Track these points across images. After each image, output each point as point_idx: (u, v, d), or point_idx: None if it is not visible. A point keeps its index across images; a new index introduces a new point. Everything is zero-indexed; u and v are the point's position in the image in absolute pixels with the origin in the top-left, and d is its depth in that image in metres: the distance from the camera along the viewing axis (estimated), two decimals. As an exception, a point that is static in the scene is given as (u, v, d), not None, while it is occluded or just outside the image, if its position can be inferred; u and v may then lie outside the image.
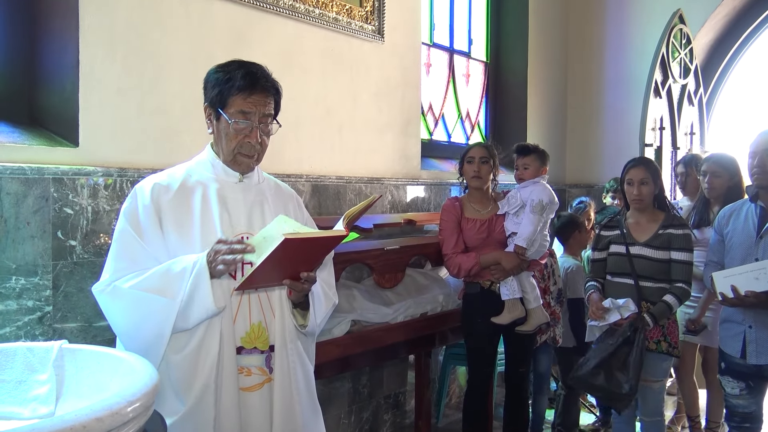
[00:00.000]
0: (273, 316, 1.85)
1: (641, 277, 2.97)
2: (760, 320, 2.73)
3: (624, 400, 2.86)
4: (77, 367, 1.54)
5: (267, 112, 1.86)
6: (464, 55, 5.13)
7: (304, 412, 1.90)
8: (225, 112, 1.82)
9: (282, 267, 1.66)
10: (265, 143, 1.89)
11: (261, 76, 1.85)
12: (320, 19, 3.44)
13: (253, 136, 1.84)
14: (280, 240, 1.52)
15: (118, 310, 1.77)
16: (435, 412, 4.14)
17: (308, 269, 1.73)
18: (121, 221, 1.81)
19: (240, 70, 1.83)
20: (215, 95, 1.84)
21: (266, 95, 1.85)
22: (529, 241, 3.09)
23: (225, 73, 1.84)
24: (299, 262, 1.69)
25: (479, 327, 3.19)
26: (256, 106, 1.83)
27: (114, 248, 1.80)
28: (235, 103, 1.81)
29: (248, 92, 1.81)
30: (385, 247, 3.23)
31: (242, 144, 1.84)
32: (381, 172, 3.90)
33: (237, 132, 1.83)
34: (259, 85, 1.83)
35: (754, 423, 2.86)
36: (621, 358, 2.85)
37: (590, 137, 5.80)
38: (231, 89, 1.81)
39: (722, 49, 5.72)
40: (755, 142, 2.79)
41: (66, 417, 1.09)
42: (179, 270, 1.71)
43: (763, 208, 2.79)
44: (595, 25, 5.77)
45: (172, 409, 1.74)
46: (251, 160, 1.89)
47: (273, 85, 1.88)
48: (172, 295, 1.70)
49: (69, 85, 2.49)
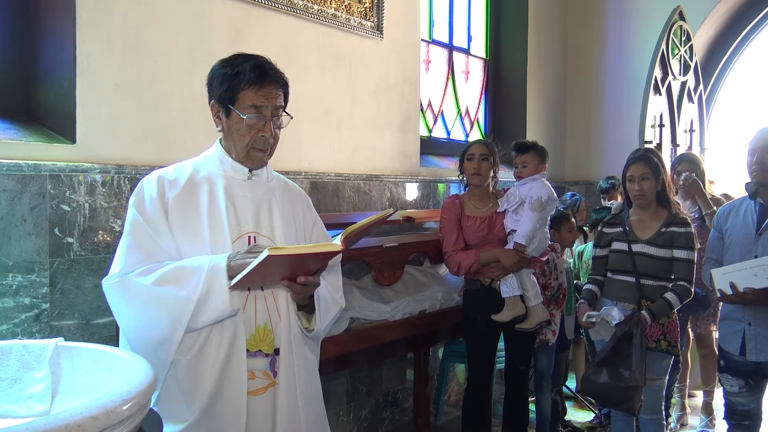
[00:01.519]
0: (279, 318, 1.80)
1: (642, 275, 2.96)
2: (759, 317, 2.73)
3: (629, 394, 2.82)
4: (73, 364, 1.53)
5: (278, 104, 1.81)
6: (464, 52, 5.12)
7: (308, 418, 1.85)
8: (236, 107, 1.76)
9: (275, 274, 1.64)
10: (277, 136, 1.84)
11: (270, 68, 1.80)
12: (319, 15, 3.43)
13: (266, 129, 1.79)
14: (264, 256, 1.49)
15: (129, 305, 1.71)
16: (434, 410, 4.14)
17: (306, 274, 1.68)
18: (131, 213, 1.76)
19: (248, 63, 1.78)
20: (224, 91, 1.78)
21: (276, 87, 1.80)
22: (529, 238, 3.08)
23: (232, 67, 1.78)
24: (294, 271, 1.66)
25: (480, 324, 3.19)
26: (267, 99, 1.77)
27: (126, 240, 1.74)
28: (247, 98, 1.76)
29: (259, 85, 1.76)
30: (384, 244, 3.22)
31: (256, 139, 1.79)
32: (380, 169, 3.89)
33: (250, 127, 1.78)
34: (269, 77, 1.78)
35: (753, 421, 2.85)
36: (622, 354, 2.84)
37: (590, 134, 5.79)
38: (241, 83, 1.76)
39: (722, 46, 5.71)
40: (754, 139, 2.78)
41: (61, 415, 1.08)
42: (195, 266, 1.67)
43: (762, 205, 2.78)
44: (595, 21, 5.76)
45: (180, 416, 1.71)
46: (265, 155, 1.84)
47: (281, 77, 1.83)
48: (187, 291, 1.65)
49: (66, 82, 2.48)
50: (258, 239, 1.80)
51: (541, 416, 3.75)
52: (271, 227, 1.84)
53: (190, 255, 1.73)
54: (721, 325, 2.94)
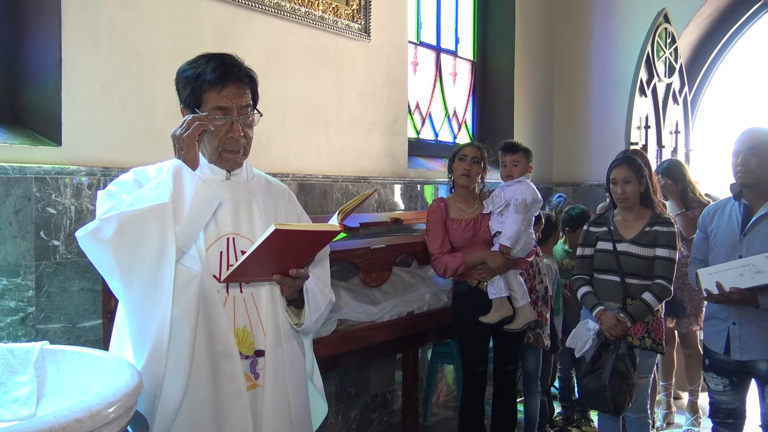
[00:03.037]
0: (260, 320, 1.77)
1: (627, 274, 2.99)
2: (744, 317, 2.75)
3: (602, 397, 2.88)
4: (58, 368, 1.52)
5: (245, 104, 1.76)
6: (451, 54, 5.14)
7: (298, 417, 1.83)
8: (201, 110, 1.72)
9: (272, 260, 1.61)
10: (249, 135, 1.79)
11: (232, 65, 1.74)
12: (306, 17, 3.43)
13: (235, 130, 1.74)
14: (270, 230, 1.46)
15: (109, 242, 1.59)
16: (423, 411, 4.15)
17: (298, 266, 1.66)
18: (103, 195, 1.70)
19: (209, 63, 1.73)
20: (188, 95, 1.74)
21: (241, 85, 1.75)
22: (514, 240, 3.11)
23: (194, 69, 1.74)
24: (290, 256, 1.63)
25: (468, 326, 3.20)
26: (232, 99, 1.72)
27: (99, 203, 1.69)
28: (210, 99, 1.72)
29: (221, 85, 1.71)
30: (372, 245, 3.23)
31: (226, 141, 1.75)
32: (368, 171, 3.89)
33: (217, 129, 1.74)
34: (232, 75, 1.72)
35: (737, 419, 2.88)
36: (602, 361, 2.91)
37: (576, 136, 5.83)
38: (203, 85, 1.71)
39: (707, 48, 5.76)
40: (738, 141, 2.81)
41: (45, 419, 1.08)
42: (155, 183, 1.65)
43: (746, 206, 2.82)
44: (581, 24, 5.80)
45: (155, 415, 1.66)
46: (237, 155, 1.79)
47: (247, 74, 1.77)
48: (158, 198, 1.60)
49: (52, 84, 2.47)
50: (237, 240, 1.76)
51: (529, 417, 3.76)
52: (252, 228, 1.79)
53: None
54: (705, 325, 2.97)
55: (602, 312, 2.97)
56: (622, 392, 2.87)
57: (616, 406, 2.89)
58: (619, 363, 2.87)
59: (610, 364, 2.88)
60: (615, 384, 2.86)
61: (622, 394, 2.87)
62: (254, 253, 1.53)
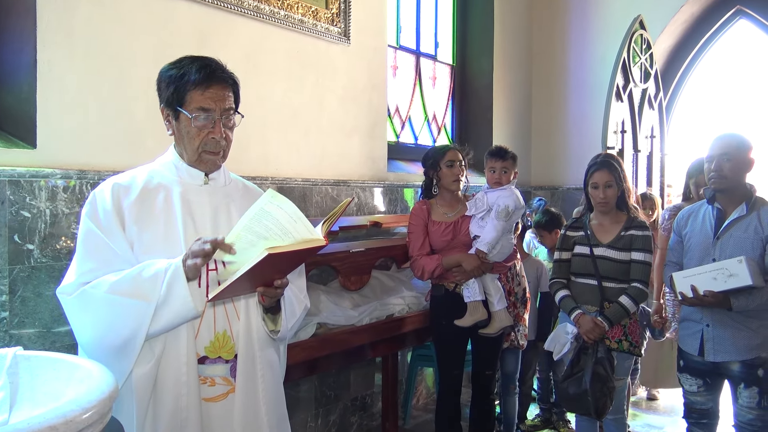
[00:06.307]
0: (239, 322, 1.78)
1: (604, 278, 3.02)
2: (717, 319, 2.80)
3: (583, 402, 2.91)
4: (32, 374, 1.50)
5: (227, 106, 1.78)
6: (431, 58, 5.16)
7: (271, 422, 1.84)
8: (184, 108, 1.74)
9: (258, 278, 1.63)
10: (229, 138, 1.81)
11: (216, 67, 1.77)
12: (285, 20, 3.43)
13: (216, 131, 1.76)
14: (262, 255, 1.48)
15: (86, 316, 1.66)
16: (402, 414, 4.15)
17: (281, 277, 1.68)
18: (84, 222, 1.72)
19: (194, 64, 1.75)
20: (171, 93, 1.76)
21: (224, 87, 1.77)
22: (491, 246, 3.11)
23: (178, 69, 1.76)
24: (276, 271, 1.66)
25: (444, 329, 3.21)
26: (215, 101, 1.75)
27: (80, 250, 1.71)
28: (194, 99, 1.74)
29: (205, 86, 1.74)
30: (351, 249, 3.23)
31: (206, 141, 1.77)
32: (347, 174, 3.89)
33: (199, 129, 1.76)
34: (215, 77, 1.75)
35: (711, 419, 2.93)
36: (581, 365, 2.94)
37: (554, 140, 5.89)
38: (187, 84, 1.73)
39: (681, 54, 5.85)
40: (712, 147, 2.86)
41: (18, 425, 1.06)
42: (153, 272, 1.64)
43: (719, 210, 2.86)
44: (559, 29, 5.86)
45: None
46: (217, 157, 1.81)
47: (230, 77, 1.80)
48: (146, 298, 1.62)
49: (26, 86, 2.44)
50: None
51: (506, 417, 3.79)
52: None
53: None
54: (680, 326, 3.02)
55: (580, 315, 3.00)
56: (603, 395, 2.90)
57: (597, 410, 2.92)
58: (599, 367, 2.90)
59: (590, 369, 2.90)
60: (596, 388, 2.88)
61: (603, 397, 2.90)
62: (244, 274, 1.54)
